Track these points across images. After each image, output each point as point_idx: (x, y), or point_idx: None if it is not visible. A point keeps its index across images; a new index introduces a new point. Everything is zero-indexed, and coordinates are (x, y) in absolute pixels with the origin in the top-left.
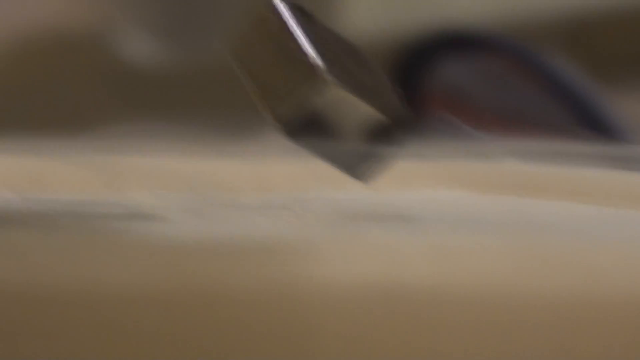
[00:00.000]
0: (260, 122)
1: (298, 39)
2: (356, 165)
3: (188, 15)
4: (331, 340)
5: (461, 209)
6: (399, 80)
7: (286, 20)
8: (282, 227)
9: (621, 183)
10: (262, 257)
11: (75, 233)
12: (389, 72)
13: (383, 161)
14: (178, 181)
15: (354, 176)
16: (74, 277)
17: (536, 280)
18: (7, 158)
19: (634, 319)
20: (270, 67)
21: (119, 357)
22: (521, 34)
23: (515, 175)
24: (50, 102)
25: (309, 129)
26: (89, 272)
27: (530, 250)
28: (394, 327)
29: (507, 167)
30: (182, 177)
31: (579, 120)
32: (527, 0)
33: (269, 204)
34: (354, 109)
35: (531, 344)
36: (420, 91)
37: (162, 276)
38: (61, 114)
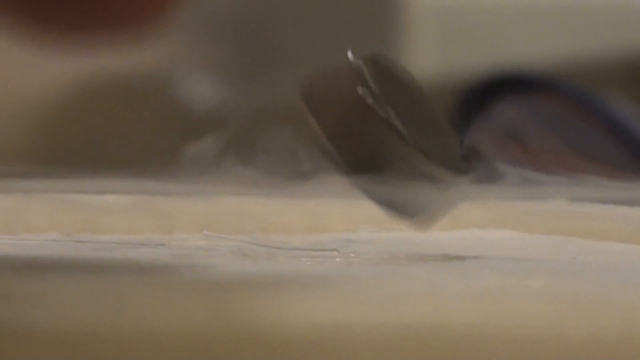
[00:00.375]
0: (312, 165)
1: (371, 92)
2: (412, 209)
3: (253, 61)
4: None
5: (509, 249)
6: (457, 121)
7: (360, 72)
8: (327, 268)
9: None
10: (305, 297)
11: (122, 274)
12: (448, 114)
13: (438, 205)
14: (229, 223)
15: (408, 220)
16: (121, 319)
17: (583, 322)
18: (55, 197)
19: None
20: (340, 116)
21: None
22: (579, 75)
23: (566, 216)
24: (110, 144)
25: (371, 173)
26: (135, 314)
27: (577, 291)
28: None
29: (557, 207)
30: (233, 218)
31: (636, 160)
32: (585, 42)
33: (317, 245)
34: (416, 158)
35: None
36: (478, 132)
37: (206, 316)
38: (121, 156)
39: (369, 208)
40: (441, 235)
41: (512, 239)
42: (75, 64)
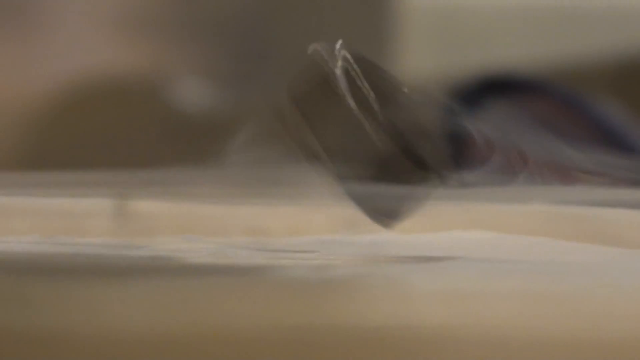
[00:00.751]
0: (293, 168)
1: (358, 91)
2: (390, 209)
3: (243, 66)
4: None
5: (490, 251)
6: (446, 122)
7: (345, 71)
8: (304, 270)
9: None
10: (282, 298)
11: (102, 277)
12: (437, 115)
13: (419, 204)
14: (210, 226)
15: (382, 223)
16: (100, 321)
17: (558, 322)
18: (38, 200)
19: None
20: (326, 117)
21: None
22: (568, 78)
23: (547, 218)
24: (101, 147)
25: (357, 174)
26: (115, 316)
27: (554, 292)
28: None
29: (539, 209)
30: (214, 221)
31: (623, 162)
32: (577, 45)
33: (297, 246)
34: (401, 159)
35: None
36: (465, 134)
37: (188, 317)
38: (106, 159)
39: (348, 210)
40: (423, 238)
41: (493, 240)
42: (67, 67)
